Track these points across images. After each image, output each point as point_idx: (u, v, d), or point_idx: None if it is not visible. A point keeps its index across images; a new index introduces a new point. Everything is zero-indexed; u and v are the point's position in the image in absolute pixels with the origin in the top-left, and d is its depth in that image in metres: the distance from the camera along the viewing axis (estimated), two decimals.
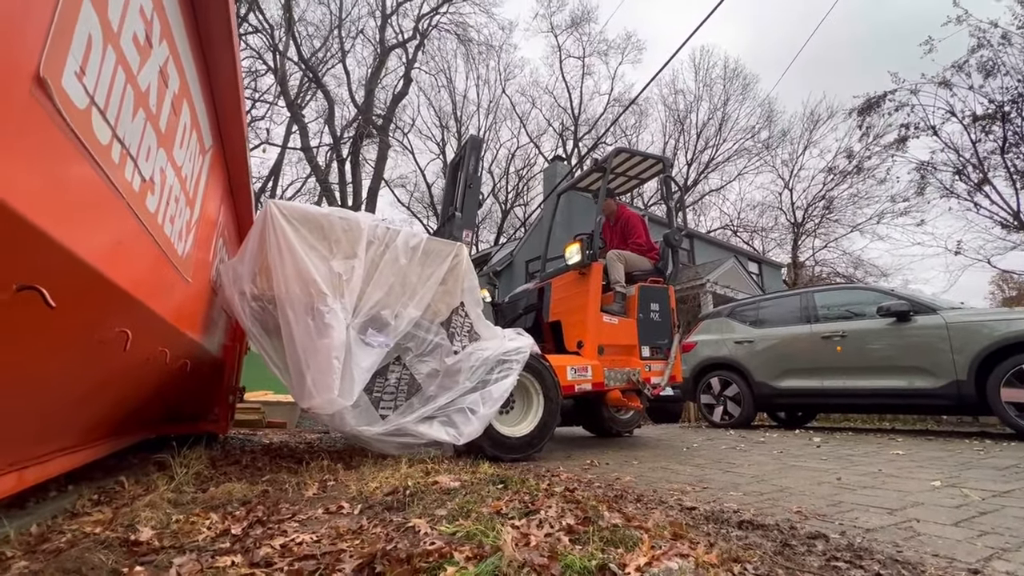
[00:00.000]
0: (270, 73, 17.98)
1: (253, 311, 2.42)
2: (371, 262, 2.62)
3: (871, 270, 22.47)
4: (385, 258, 2.67)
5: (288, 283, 2.36)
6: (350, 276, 2.51)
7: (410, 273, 2.74)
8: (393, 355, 2.65)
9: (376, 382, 2.58)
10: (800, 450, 3.51)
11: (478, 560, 1.09)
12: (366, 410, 2.54)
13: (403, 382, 2.69)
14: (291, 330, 2.33)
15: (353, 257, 2.55)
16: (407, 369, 2.71)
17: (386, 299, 2.64)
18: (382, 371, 2.61)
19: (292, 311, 2.34)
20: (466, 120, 28.05)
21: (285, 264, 2.37)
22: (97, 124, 0.92)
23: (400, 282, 2.70)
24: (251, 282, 2.42)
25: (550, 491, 1.83)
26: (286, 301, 2.35)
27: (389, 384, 2.65)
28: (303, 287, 2.37)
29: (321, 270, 2.43)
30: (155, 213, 1.34)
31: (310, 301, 2.37)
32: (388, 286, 2.65)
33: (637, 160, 4.62)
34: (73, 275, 0.94)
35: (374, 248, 2.65)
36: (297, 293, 2.36)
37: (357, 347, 2.44)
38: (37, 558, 1.16)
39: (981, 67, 14.07)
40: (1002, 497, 1.92)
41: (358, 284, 2.53)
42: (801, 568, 1.18)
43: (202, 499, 1.81)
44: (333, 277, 2.45)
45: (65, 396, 1.42)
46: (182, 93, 1.46)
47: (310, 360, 2.31)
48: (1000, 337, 3.97)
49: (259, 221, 2.46)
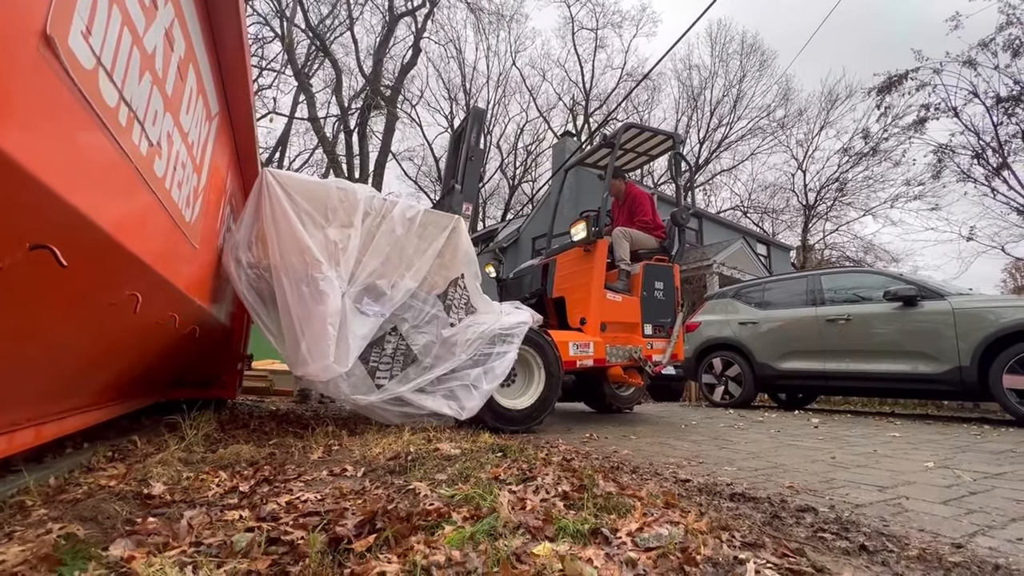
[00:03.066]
0: (277, 40, 17.71)
1: (249, 279, 2.45)
2: (367, 232, 2.63)
3: (881, 255, 22.23)
4: (382, 228, 2.68)
5: (283, 251, 2.38)
6: (346, 245, 2.52)
7: (407, 244, 2.75)
8: (389, 325, 2.68)
9: (372, 351, 2.61)
10: (798, 430, 3.55)
11: (475, 520, 1.14)
12: (362, 379, 2.58)
13: (399, 352, 2.71)
14: (286, 298, 2.36)
15: (349, 226, 2.57)
16: (403, 340, 2.73)
17: (382, 269, 2.66)
18: (378, 341, 2.63)
19: (287, 279, 2.37)
20: (475, 93, 27.60)
21: (280, 232, 2.39)
22: (104, 85, 0.93)
23: (397, 253, 2.72)
24: (247, 250, 2.44)
25: (548, 460, 1.88)
26: (281, 269, 2.38)
27: (385, 354, 2.67)
28: (298, 255, 2.39)
29: (317, 238, 2.45)
30: (162, 178, 1.35)
31: (305, 269, 2.39)
32: (384, 256, 2.67)
33: (647, 136, 4.55)
34: (84, 236, 0.96)
35: (371, 219, 2.66)
36: (292, 261, 2.38)
37: (352, 315, 2.47)
38: (55, 507, 1.22)
39: (1008, 45, 13.58)
40: (994, 479, 1.95)
41: (354, 253, 2.55)
42: (788, 538, 1.21)
43: (211, 459, 1.88)
44: (329, 245, 2.48)
45: (80, 356, 1.46)
46: (188, 57, 1.45)
47: (305, 327, 2.34)
48: (1005, 324, 3.95)
49: (255, 189, 2.48)
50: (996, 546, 1.20)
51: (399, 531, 1.05)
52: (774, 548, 1.09)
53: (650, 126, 4.51)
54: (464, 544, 1.01)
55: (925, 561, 1.08)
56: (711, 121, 26.03)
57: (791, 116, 25.09)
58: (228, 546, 0.99)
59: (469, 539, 1.03)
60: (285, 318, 2.39)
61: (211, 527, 1.13)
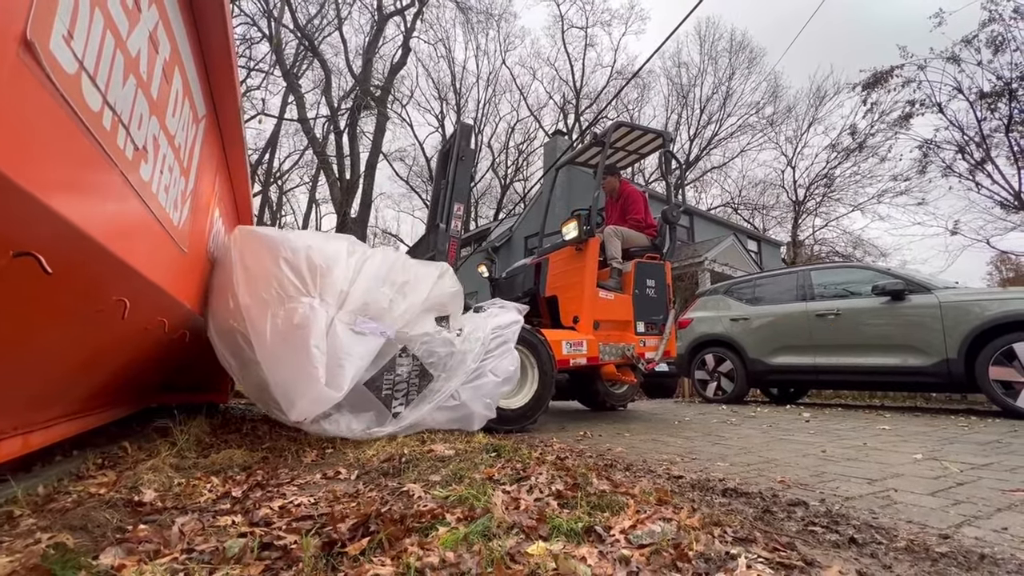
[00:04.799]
0: (265, 41, 17.55)
1: (228, 345, 2.26)
2: (355, 266, 2.46)
3: (870, 250, 22.48)
4: (368, 262, 2.53)
5: (254, 288, 2.18)
6: (330, 269, 2.32)
7: (397, 275, 2.62)
8: (398, 346, 2.49)
9: (384, 378, 2.42)
10: (789, 424, 3.59)
11: (469, 521, 1.14)
12: (377, 411, 2.41)
13: (414, 373, 2.53)
14: (264, 335, 2.10)
15: (334, 260, 2.39)
16: (417, 360, 2.54)
17: (376, 292, 2.48)
18: (389, 365, 2.44)
19: (258, 312, 2.14)
20: (465, 92, 27.54)
21: (250, 270, 2.21)
22: (87, 90, 0.92)
23: (389, 282, 2.56)
24: (224, 314, 2.24)
25: (542, 459, 1.89)
26: (253, 307, 2.15)
27: (400, 378, 2.48)
28: (273, 287, 2.18)
29: (294, 266, 2.26)
30: (149, 182, 1.34)
31: (281, 299, 2.17)
32: (377, 279, 2.51)
33: (637, 134, 4.57)
34: (69, 243, 0.95)
35: (356, 256, 2.51)
36: (263, 297, 2.16)
37: (346, 336, 2.24)
38: (44, 516, 1.21)
39: (991, 42, 13.79)
40: (980, 470, 1.98)
41: (341, 281, 2.35)
42: (779, 532, 1.23)
43: (203, 464, 1.86)
44: (309, 273, 2.26)
45: (67, 363, 1.44)
46: (173, 59, 1.44)
47: (286, 357, 2.09)
48: (991, 317, 4.02)
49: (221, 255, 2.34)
50: (982, 536, 1.22)
51: (393, 533, 1.05)
52: (765, 542, 1.10)
53: (640, 124, 4.53)
54: (458, 545, 1.01)
55: (913, 552, 1.10)
56: (701, 118, 26.19)
57: (780, 113, 25.31)
58: (220, 552, 0.99)
59: (463, 540, 1.03)
60: (264, 358, 2.11)
61: (203, 533, 1.12)
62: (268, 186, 24.25)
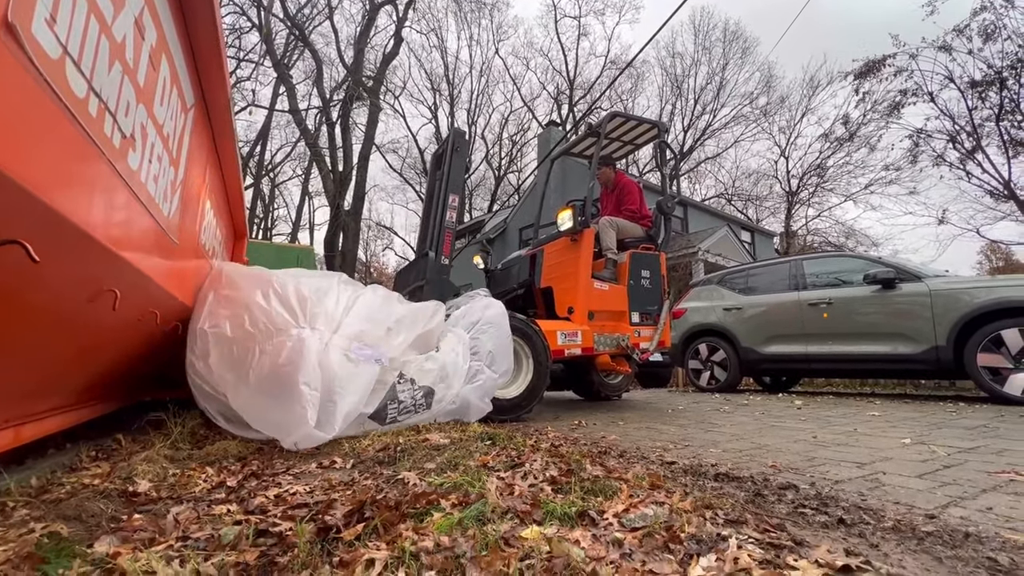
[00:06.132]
0: (254, 30, 17.30)
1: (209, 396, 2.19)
2: (347, 301, 2.43)
3: (862, 240, 22.65)
4: (360, 298, 2.50)
5: (235, 323, 2.10)
6: (320, 299, 2.28)
7: (392, 308, 2.62)
8: (394, 372, 2.43)
9: (389, 408, 2.36)
10: (781, 412, 3.63)
11: (464, 507, 1.15)
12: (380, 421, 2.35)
13: (418, 395, 2.48)
14: (247, 372, 2.02)
15: (325, 294, 2.35)
16: (415, 383, 2.48)
17: (370, 324, 2.43)
18: (391, 394, 2.38)
19: (247, 351, 2.06)
20: (458, 83, 27.33)
21: (232, 304, 2.15)
22: (72, 75, 0.90)
23: (382, 313, 2.55)
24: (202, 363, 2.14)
25: (536, 447, 1.90)
26: (234, 341, 2.07)
27: (405, 404, 2.41)
28: (260, 322, 2.11)
29: (282, 301, 2.20)
30: (137, 171, 1.32)
31: (269, 331, 2.09)
32: (369, 313, 2.47)
33: (632, 125, 4.56)
34: (56, 231, 0.94)
35: (349, 291, 2.48)
36: (249, 331, 2.09)
37: (340, 366, 2.11)
38: (38, 507, 1.21)
39: (982, 31, 13.83)
40: (967, 453, 2.02)
41: (333, 310, 2.31)
42: (770, 514, 1.25)
43: (198, 455, 1.86)
44: (298, 304, 2.21)
45: (58, 354, 1.43)
46: (160, 46, 1.42)
47: (270, 399, 2.00)
48: (980, 304, 4.06)
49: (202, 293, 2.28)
50: (967, 516, 1.24)
51: (388, 519, 1.06)
52: (756, 524, 1.12)
53: (635, 115, 4.51)
54: (453, 530, 1.02)
55: (900, 532, 1.12)
56: (695, 109, 26.16)
57: (773, 103, 25.32)
58: (216, 539, 0.99)
59: (458, 525, 1.04)
60: (251, 397, 2.03)
61: (198, 522, 1.13)
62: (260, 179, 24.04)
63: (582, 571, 0.87)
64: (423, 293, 3.22)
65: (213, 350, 2.09)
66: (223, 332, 2.11)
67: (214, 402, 2.18)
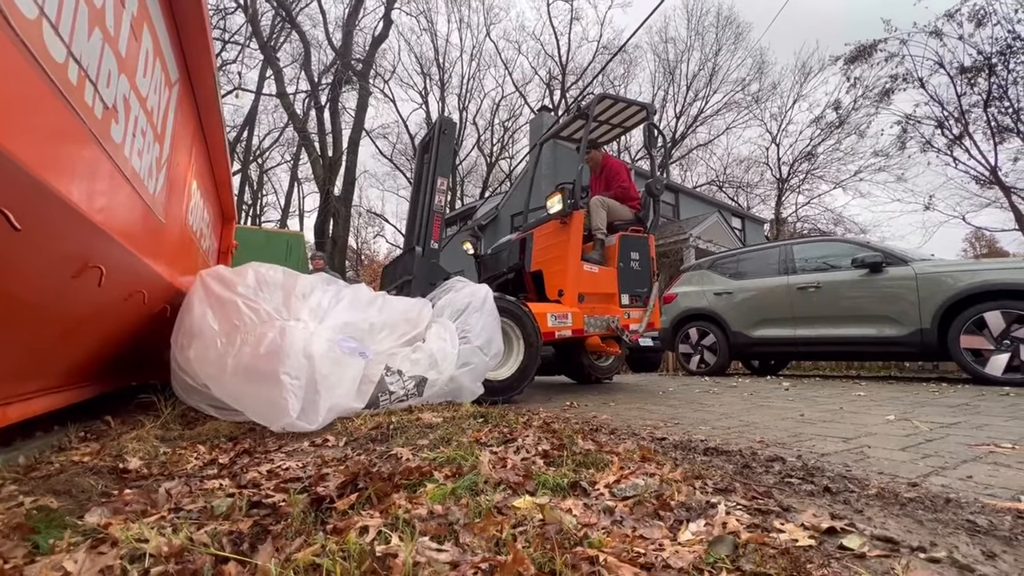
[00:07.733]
0: (240, 11, 16.89)
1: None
2: (332, 295, 2.44)
3: (851, 227, 22.87)
4: (347, 292, 2.52)
5: (221, 318, 2.11)
6: (306, 294, 2.29)
7: (376, 307, 2.61)
8: (381, 366, 2.40)
9: (381, 400, 2.34)
10: (769, 393, 3.68)
11: (457, 478, 1.16)
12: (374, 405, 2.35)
13: (409, 384, 2.46)
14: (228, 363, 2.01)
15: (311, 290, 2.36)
16: (404, 374, 2.46)
17: (356, 317, 2.44)
18: (381, 386, 2.36)
19: (231, 343, 2.06)
20: (449, 67, 26.96)
21: (217, 307, 2.14)
22: (49, 38, 0.88)
23: (369, 307, 2.55)
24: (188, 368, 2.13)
25: (528, 424, 1.92)
26: (219, 334, 2.07)
27: (396, 395, 2.40)
28: (245, 315, 2.12)
29: (268, 294, 2.21)
30: (121, 144, 1.29)
31: (253, 323, 2.10)
32: (356, 306, 2.48)
33: (621, 107, 4.54)
34: (37, 199, 0.92)
35: (333, 288, 2.48)
36: (235, 325, 2.10)
37: (325, 359, 2.08)
38: (26, 483, 1.20)
39: (973, 15, 13.86)
40: (948, 428, 2.06)
41: (319, 303, 2.32)
42: (758, 483, 1.27)
43: (189, 435, 1.86)
44: (283, 298, 2.23)
45: (43, 332, 1.41)
46: (141, 16, 1.38)
47: (254, 380, 1.98)
48: (964, 288, 4.13)
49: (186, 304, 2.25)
50: (948, 484, 1.28)
51: (381, 490, 1.06)
52: (744, 492, 1.14)
53: (624, 96, 4.48)
54: (446, 499, 1.03)
55: (883, 498, 1.15)
56: (687, 95, 26.05)
57: (765, 90, 25.30)
58: (208, 511, 0.99)
59: (451, 494, 1.05)
60: (235, 387, 2.03)
61: (191, 495, 1.13)
62: (248, 164, 23.65)
63: (574, 536, 0.88)
64: (411, 289, 3.21)
65: (196, 342, 2.09)
66: (208, 325, 2.10)
67: (198, 395, 2.17)
